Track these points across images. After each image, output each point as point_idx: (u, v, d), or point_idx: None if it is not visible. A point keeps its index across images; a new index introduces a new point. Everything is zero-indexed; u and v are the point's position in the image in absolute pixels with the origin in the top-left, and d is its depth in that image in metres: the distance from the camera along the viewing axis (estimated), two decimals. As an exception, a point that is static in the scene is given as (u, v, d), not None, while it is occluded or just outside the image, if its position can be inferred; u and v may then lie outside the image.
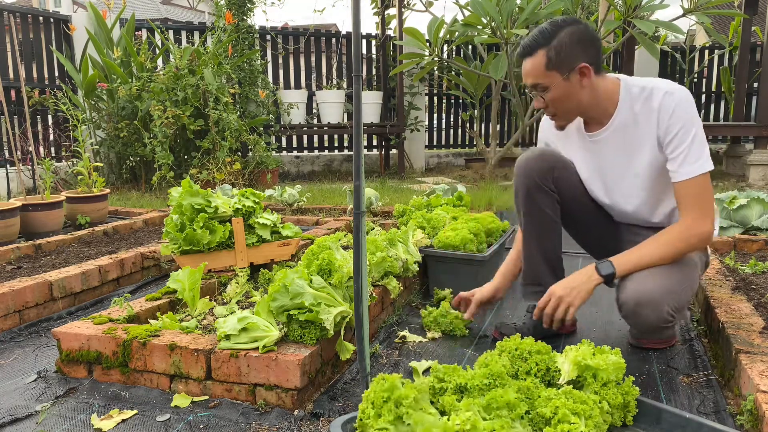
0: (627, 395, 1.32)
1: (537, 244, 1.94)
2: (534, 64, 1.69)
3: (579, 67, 1.67)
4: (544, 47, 1.67)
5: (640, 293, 1.64)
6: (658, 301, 1.63)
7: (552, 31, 1.67)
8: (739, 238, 2.95)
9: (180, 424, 1.47)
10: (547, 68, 1.67)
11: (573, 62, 1.67)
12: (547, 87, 1.70)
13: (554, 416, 1.20)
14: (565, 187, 1.90)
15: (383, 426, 1.13)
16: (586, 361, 1.32)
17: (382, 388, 1.19)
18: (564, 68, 1.67)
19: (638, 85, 1.73)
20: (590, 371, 1.32)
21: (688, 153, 1.64)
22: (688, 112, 1.65)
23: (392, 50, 7.49)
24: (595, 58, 1.71)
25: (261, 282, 2.32)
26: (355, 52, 1.39)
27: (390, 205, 4.14)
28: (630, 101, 1.73)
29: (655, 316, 1.65)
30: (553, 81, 1.68)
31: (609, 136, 1.79)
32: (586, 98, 1.73)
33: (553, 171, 1.88)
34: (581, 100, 1.73)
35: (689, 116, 1.65)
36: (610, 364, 1.31)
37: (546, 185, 1.88)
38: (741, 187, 5.69)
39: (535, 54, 1.68)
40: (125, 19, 6.35)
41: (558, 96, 1.71)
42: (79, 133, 4.11)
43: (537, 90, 1.72)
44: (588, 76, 1.70)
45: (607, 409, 1.27)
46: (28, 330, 2.15)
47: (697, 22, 5.58)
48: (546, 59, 1.67)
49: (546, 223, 1.91)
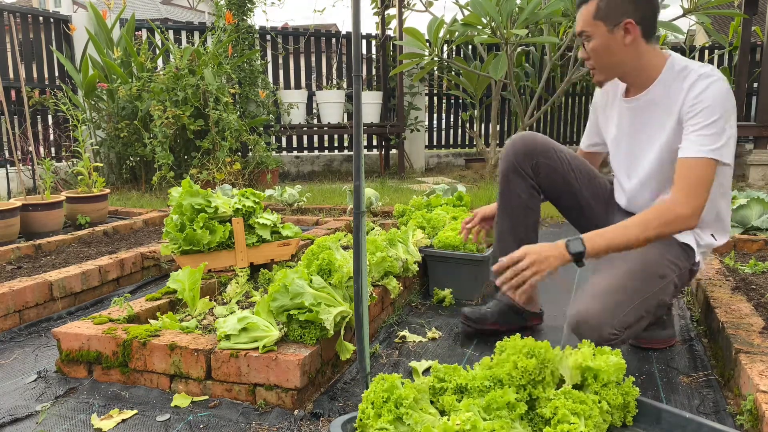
0: (627, 395, 1.31)
1: (509, 226, 1.96)
2: (585, 11, 1.69)
3: (625, 23, 1.65)
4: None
5: (581, 315, 1.57)
6: (597, 325, 1.55)
7: None
8: (739, 238, 2.95)
9: (180, 424, 1.47)
10: (595, 17, 1.67)
11: (620, 17, 1.65)
12: (590, 36, 1.69)
13: (554, 416, 1.20)
14: (545, 174, 1.90)
15: (383, 426, 1.13)
16: (587, 362, 1.31)
17: (382, 388, 1.19)
18: (610, 20, 1.66)
19: (682, 64, 1.69)
20: (591, 372, 1.32)
21: (702, 134, 1.57)
22: (717, 98, 1.58)
23: (392, 50, 7.49)
24: (647, 21, 1.67)
25: (261, 282, 2.32)
26: (355, 52, 1.39)
27: (390, 205, 4.14)
28: (670, 78, 1.70)
29: (596, 336, 1.55)
30: (597, 31, 1.68)
31: (641, 106, 1.76)
32: (627, 57, 1.70)
33: (534, 157, 1.90)
34: (621, 58, 1.70)
35: (718, 102, 1.58)
36: (611, 365, 1.31)
37: (523, 169, 1.91)
38: (741, 187, 5.70)
39: (588, 3, 1.69)
40: (125, 19, 6.35)
41: (598, 47, 1.69)
42: (79, 133, 4.11)
43: (582, 38, 1.72)
44: (633, 35, 1.66)
45: (606, 409, 1.27)
46: (28, 330, 2.15)
47: (697, 22, 5.58)
48: (596, 8, 1.67)
49: (518, 208, 1.94)
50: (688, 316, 2.19)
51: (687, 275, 1.75)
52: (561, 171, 1.92)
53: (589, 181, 1.98)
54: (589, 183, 1.97)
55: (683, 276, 1.73)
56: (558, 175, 1.92)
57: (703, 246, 1.75)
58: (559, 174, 1.92)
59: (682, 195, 1.57)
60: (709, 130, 1.57)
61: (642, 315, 1.63)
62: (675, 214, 1.57)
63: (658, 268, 1.67)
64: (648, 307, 1.64)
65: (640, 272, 1.65)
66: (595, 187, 1.98)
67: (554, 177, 1.92)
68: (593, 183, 1.98)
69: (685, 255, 1.72)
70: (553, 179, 1.92)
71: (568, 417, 1.17)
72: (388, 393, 1.18)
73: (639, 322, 1.63)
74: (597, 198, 1.97)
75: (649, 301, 1.64)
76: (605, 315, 1.56)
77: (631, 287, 1.62)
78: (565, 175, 1.92)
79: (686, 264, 1.72)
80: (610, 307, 1.57)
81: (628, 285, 1.62)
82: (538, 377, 1.27)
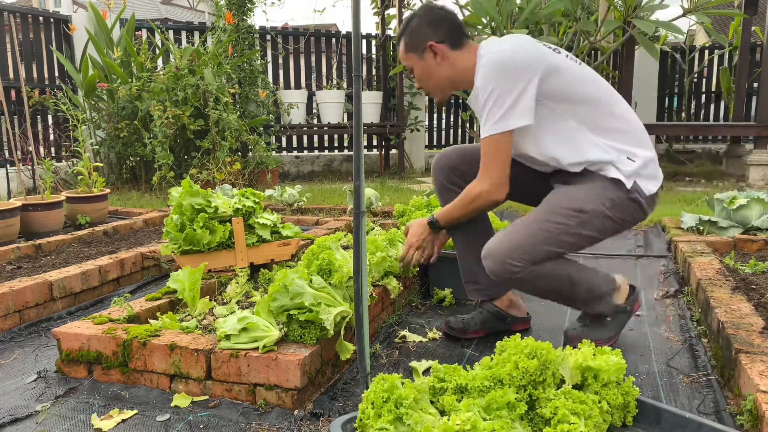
0: (627, 395, 1.31)
1: (464, 241, 2.05)
2: (400, 51, 1.91)
3: (428, 46, 1.83)
4: (403, 35, 1.88)
5: (487, 249, 1.75)
6: (500, 257, 1.70)
7: (408, 20, 1.88)
8: (739, 238, 2.95)
9: (180, 424, 1.47)
10: (406, 51, 1.88)
11: (423, 42, 1.84)
12: (411, 68, 1.89)
13: (554, 416, 1.20)
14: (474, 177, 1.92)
15: (383, 426, 1.13)
16: (587, 362, 1.31)
17: (382, 388, 1.19)
18: (417, 49, 1.86)
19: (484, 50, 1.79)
20: (591, 372, 1.32)
21: (482, 114, 1.73)
22: (486, 73, 1.71)
23: (392, 50, 7.49)
24: (447, 35, 1.84)
25: (261, 282, 2.32)
26: (355, 52, 1.39)
27: (390, 205, 4.13)
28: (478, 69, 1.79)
29: (498, 268, 1.71)
30: (412, 61, 1.88)
31: (474, 103, 1.86)
32: (445, 73, 1.86)
33: (458, 167, 2.03)
34: (442, 76, 1.87)
35: (488, 76, 1.71)
36: (611, 365, 1.31)
37: (452, 182, 2.04)
38: (741, 187, 5.69)
39: (400, 43, 1.90)
40: (125, 19, 6.35)
41: (419, 75, 1.89)
42: (79, 133, 4.11)
43: (410, 73, 1.92)
44: (440, 53, 1.83)
45: (606, 409, 1.27)
46: (28, 330, 2.15)
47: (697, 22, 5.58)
48: (404, 44, 1.88)
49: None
50: (688, 316, 2.19)
51: (628, 204, 1.75)
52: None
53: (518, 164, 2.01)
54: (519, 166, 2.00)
55: (622, 206, 1.74)
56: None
57: (631, 172, 1.73)
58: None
59: (479, 175, 1.80)
60: (486, 108, 1.71)
61: (553, 251, 1.72)
62: (475, 192, 1.81)
63: (577, 202, 1.74)
64: (562, 243, 1.72)
65: (553, 209, 1.75)
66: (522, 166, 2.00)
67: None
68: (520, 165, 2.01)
69: (614, 186, 1.74)
70: None
71: (568, 417, 1.17)
72: (388, 393, 1.18)
73: (551, 259, 1.72)
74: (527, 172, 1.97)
75: (563, 237, 1.71)
76: (508, 248, 1.70)
77: (542, 224, 1.72)
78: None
79: (619, 194, 1.74)
80: (516, 242, 1.70)
81: (539, 223, 1.73)
82: (539, 378, 1.27)
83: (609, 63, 8.35)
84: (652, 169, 1.79)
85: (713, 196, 3.30)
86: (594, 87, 1.79)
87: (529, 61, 1.69)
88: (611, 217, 1.74)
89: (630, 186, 1.73)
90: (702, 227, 3.19)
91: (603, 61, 6.21)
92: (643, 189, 1.76)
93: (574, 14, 5.48)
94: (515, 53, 1.71)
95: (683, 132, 8.06)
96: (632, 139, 1.80)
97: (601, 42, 6.09)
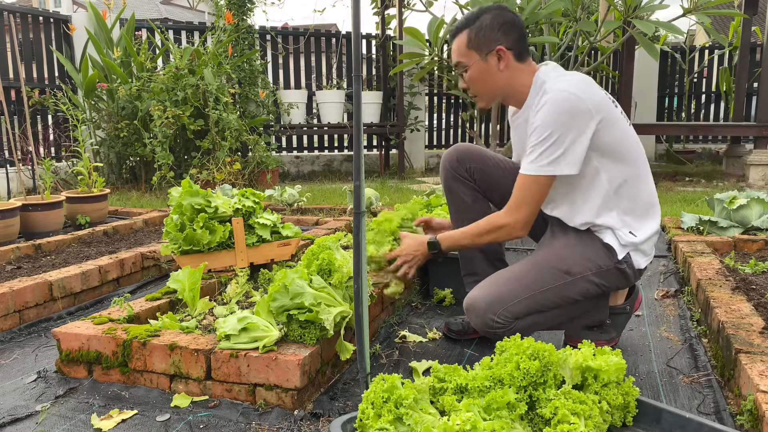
0: (627, 396, 1.31)
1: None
2: (457, 43, 1.77)
3: (496, 49, 1.72)
4: (467, 28, 1.74)
5: (469, 300, 1.71)
6: (482, 311, 1.67)
7: (477, 14, 1.74)
8: (739, 238, 2.95)
9: (180, 424, 1.47)
10: (468, 47, 1.74)
11: (491, 44, 1.72)
12: (466, 65, 1.76)
13: (554, 416, 1.20)
14: (479, 177, 1.99)
15: (383, 426, 1.13)
16: (588, 362, 1.31)
17: (381, 388, 1.19)
18: (482, 49, 1.73)
19: (543, 79, 1.72)
20: (591, 372, 1.32)
21: (533, 151, 1.65)
22: (550, 114, 1.62)
23: (392, 50, 7.49)
24: (516, 43, 1.74)
25: (261, 282, 2.32)
26: (355, 52, 1.39)
27: (390, 205, 4.13)
28: (533, 95, 1.74)
29: (480, 322, 1.68)
30: (471, 60, 1.75)
31: (520, 124, 1.81)
32: (502, 82, 1.76)
33: (466, 163, 1.99)
34: (498, 83, 1.77)
35: (550, 118, 1.62)
36: (611, 365, 1.30)
37: (460, 174, 2.00)
38: (741, 187, 5.70)
39: (459, 34, 1.76)
40: (125, 19, 6.35)
41: (474, 75, 1.76)
42: (79, 133, 4.11)
43: (459, 69, 1.79)
44: (505, 60, 1.73)
45: (606, 409, 1.27)
46: (28, 330, 2.15)
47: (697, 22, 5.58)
48: (467, 39, 1.74)
49: (466, 210, 2.00)
50: (688, 316, 2.19)
51: (614, 274, 1.73)
52: (490, 172, 1.98)
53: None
54: None
55: (608, 275, 1.72)
56: (488, 176, 1.98)
57: (627, 244, 1.72)
58: (488, 174, 1.98)
59: (508, 207, 1.72)
60: (539, 148, 1.63)
61: (537, 308, 1.68)
62: (499, 223, 1.74)
63: (564, 264, 1.71)
64: (545, 301, 1.68)
65: (541, 266, 1.73)
66: None
67: (486, 179, 1.99)
68: None
69: (606, 253, 1.71)
70: (485, 180, 1.99)
71: (568, 417, 1.17)
72: (388, 393, 1.18)
73: (533, 314, 1.69)
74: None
75: (547, 294, 1.68)
76: (491, 303, 1.66)
77: (527, 280, 1.70)
78: (495, 175, 1.98)
79: (608, 262, 1.71)
80: (497, 296, 1.67)
81: (523, 277, 1.70)
82: (540, 380, 1.26)
83: (609, 63, 8.35)
84: (648, 246, 1.77)
85: (713, 196, 3.30)
86: (636, 150, 1.74)
87: (592, 109, 1.62)
88: (596, 283, 1.71)
89: (621, 257, 1.72)
90: (702, 227, 3.19)
91: (603, 61, 6.21)
92: (634, 262, 1.74)
93: (574, 14, 5.48)
94: (581, 100, 1.62)
95: (683, 132, 8.07)
96: (645, 211, 1.77)
97: (601, 42, 6.09)
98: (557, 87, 1.65)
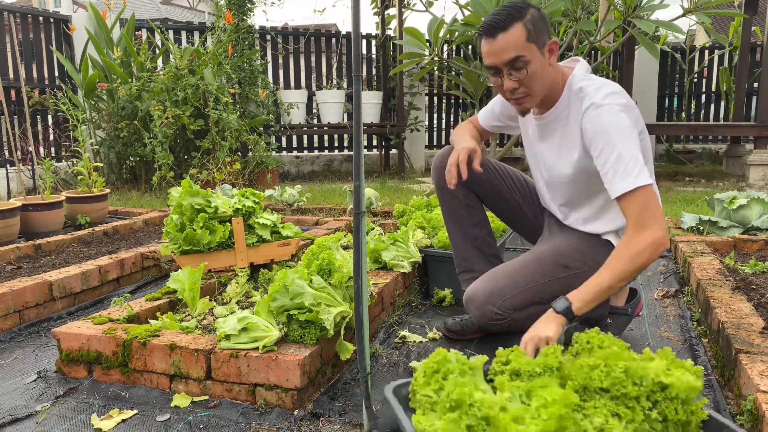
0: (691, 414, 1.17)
1: (458, 231, 2.03)
2: (513, 37, 1.58)
3: (550, 43, 1.62)
4: (519, 21, 1.58)
5: (470, 293, 1.73)
6: (481, 303, 1.69)
7: (523, 7, 1.61)
8: (739, 238, 2.95)
9: (180, 424, 1.47)
10: (527, 40, 1.58)
11: (545, 37, 1.61)
12: (528, 60, 1.59)
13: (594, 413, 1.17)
14: (471, 179, 1.90)
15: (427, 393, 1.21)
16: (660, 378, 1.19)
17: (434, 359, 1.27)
18: (539, 42, 1.60)
19: (579, 84, 1.66)
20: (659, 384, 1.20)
21: (615, 171, 1.53)
22: (610, 130, 1.55)
23: (392, 50, 7.49)
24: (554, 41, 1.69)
25: (261, 282, 2.32)
26: (355, 52, 1.39)
27: (390, 205, 4.14)
28: (569, 96, 1.68)
29: (479, 313, 1.71)
30: (533, 54, 1.59)
31: (549, 124, 1.75)
32: (550, 79, 1.67)
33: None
34: (547, 80, 1.66)
35: (612, 134, 1.54)
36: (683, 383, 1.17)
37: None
38: (741, 187, 5.69)
39: (510, 28, 1.58)
40: (125, 19, 6.35)
41: (535, 70, 1.60)
42: (79, 133, 4.11)
43: (514, 67, 1.60)
44: (553, 56, 1.65)
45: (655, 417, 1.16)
46: (28, 330, 2.15)
47: (697, 22, 5.58)
48: (525, 31, 1.57)
49: (459, 208, 2.00)
50: (688, 316, 2.19)
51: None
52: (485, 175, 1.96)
53: (517, 184, 2.03)
54: (517, 186, 2.03)
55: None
56: (479, 176, 1.92)
57: None
58: (483, 177, 1.96)
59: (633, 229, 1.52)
60: (619, 165, 1.52)
61: (535, 300, 1.68)
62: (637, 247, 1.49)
63: (564, 258, 1.73)
64: (544, 293, 1.68)
65: (540, 260, 1.74)
66: (523, 189, 2.03)
67: (479, 181, 1.96)
68: (520, 186, 2.04)
69: (605, 250, 1.69)
70: (478, 183, 1.97)
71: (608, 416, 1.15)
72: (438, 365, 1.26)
73: (531, 306, 1.68)
74: (525, 199, 2.03)
75: (546, 287, 1.69)
76: (490, 294, 1.68)
77: (527, 272, 1.71)
78: (490, 178, 1.98)
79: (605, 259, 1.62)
80: (497, 288, 1.69)
81: (523, 270, 1.72)
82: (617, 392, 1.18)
83: (609, 63, 8.35)
84: None
85: (713, 196, 3.30)
86: (650, 153, 1.71)
87: (637, 121, 1.61)
88: None
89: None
90: (702, 227, 3.19)
91: (603, 61, 6.20)
92: None
93: (574, 14, 5.47)
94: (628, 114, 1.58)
95: (683, 132, 8.06)
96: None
97: (601, 42, 6.09)
98: (602, 98, 1.59)
